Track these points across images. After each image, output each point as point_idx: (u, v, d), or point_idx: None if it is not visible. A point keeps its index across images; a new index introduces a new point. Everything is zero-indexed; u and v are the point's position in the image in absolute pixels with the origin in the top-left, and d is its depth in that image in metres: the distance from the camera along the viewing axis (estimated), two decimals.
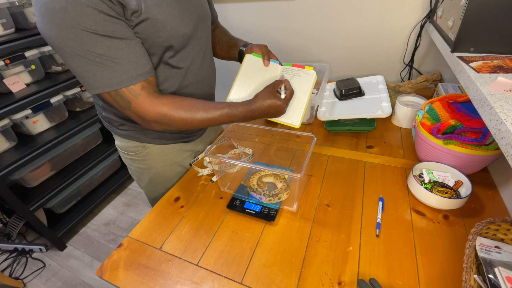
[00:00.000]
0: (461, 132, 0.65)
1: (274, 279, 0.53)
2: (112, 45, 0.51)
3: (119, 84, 0.54)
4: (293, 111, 0.69)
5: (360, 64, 1.26)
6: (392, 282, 0.50)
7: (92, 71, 0.52)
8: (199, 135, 0.87)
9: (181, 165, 0.85)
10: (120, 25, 0.51)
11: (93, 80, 0.53)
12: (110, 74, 0.53)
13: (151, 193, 0.89)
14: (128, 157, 0.82)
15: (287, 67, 0.74)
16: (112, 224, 1.72)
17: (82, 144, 1.66)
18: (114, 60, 0.52)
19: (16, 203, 1.30)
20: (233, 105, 0.65)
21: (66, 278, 1.44)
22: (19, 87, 1.36)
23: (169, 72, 0.66)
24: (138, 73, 0.56)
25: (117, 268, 0.58)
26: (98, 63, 0.51)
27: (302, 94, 0.69)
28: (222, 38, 0.87)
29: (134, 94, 0.56)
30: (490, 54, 0.61)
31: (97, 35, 0.49)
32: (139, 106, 0.58)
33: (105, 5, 0.48)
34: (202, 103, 0.64)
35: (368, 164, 0.78)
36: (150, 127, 0.63)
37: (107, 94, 0.56)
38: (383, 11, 1.10)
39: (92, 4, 0.46)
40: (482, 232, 0.51)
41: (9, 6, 1.25)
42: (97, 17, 0.47)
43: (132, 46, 0.54)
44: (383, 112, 0.85)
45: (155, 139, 0.77)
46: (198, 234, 0.64)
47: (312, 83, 0.70)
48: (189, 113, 0.61)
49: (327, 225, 0.62)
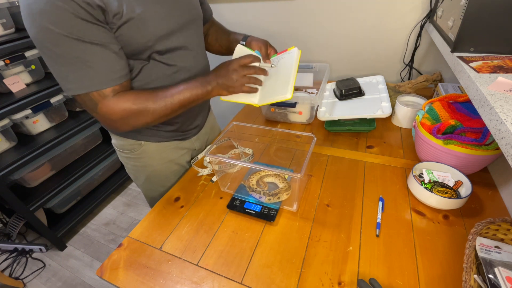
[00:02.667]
0: (461, 132, 0.65)
1: (274, 279, 0.53)
2: (87, 50, 0.52)
3: (89, 87, 0.55)
4: (281, 86, 0.67)
5: (360, 64, 1.26)
6: (392, 282, 0.50)
7: (65, 73, 0.53)
8: (194, 132, 0.87)
9: (177, 163, 0.85)
10: (97, 31, 0.52)
11: (65, 81, 0.55)
12: (81, 77, 0.54)
13: (148, 191, 0.89)
14: (124, 155, 0.82)
15: (273, 58, 0.74)
16: (112, 224, 1.72)
17: (82, 144, 1.66)
18: (87, 63, 0.53)
19: (16, 203, 1.30)
20: (191, 80, 0.64)
21: (66, 278, 1.44)
22: (19, 87, 1.36)
23: (160, 70, 0.66)
24: (110, 78, 0.56)
25: (117, 268, 0.58)
26: (72, 65, 0.52)
27: (287, 70, 0.68)
28: (220, 35, 0.86)
29: (102, 96, 0.57)
30: (490, 54, 0.61)
31: (73, 39, 0.50)
32: (105, 106, 0.58)
33: (83, 11, 0.48)
34: (163, 89, 0.63)
35: (368, 164, 0.78)
36: (117, 129, 0.63)
37: (77, 96, 0.56)
38: (383, 11, 1.10)
39: (70, 9, 0.47)
40: (482, 232, 0.51)
41: (9, 6, 1.25)
42: (74, 22, 0.48)
43: (107, 52, 0.54)
44: (383, 112, 0.85)
45: (150, 136, 0.77)
46: (198, 234, 0.64)
47: (295, 58, 0.69)
48: (149, 102, 0.61)
49: (327, 225, 0.62)
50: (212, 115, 0.99)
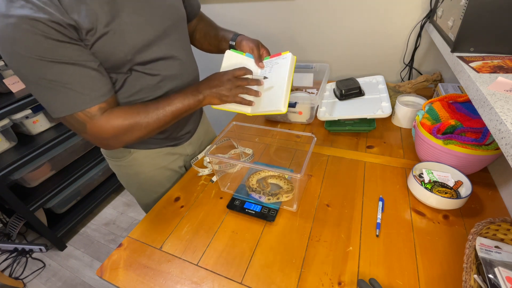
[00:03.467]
0: (461, 132, 0.65)
1: (274, 279, 0.53)
2: (63, 71, 0.49)
3: (73, 108, 0.53)
4: (275, 97, 0.65)
5: (360, 64, 1.26)
6: (392, 282, 0.50)
7: (47, 97, 0.52)
8: (186, 138, 0.84)
9: (170, 168, 0.83)
10: (71, 50, 0.49)
11: (48, 105, 0.53)
12: (63, 100, 0.52)
13: (141, 198, 0.87)
14: (114, 163, 0.79)
15: (266, 60, 0.71)
16: (112, 224, 1.72)
17: (82, 144, 1.66)
18: (66, 85, 0.50)
19: (16, 203, 1.30)
20: (181, 90, 0.63)
21: (66, 278, 1.44)
22: (19, 87, 1.36)
23: (143, 81, 0.63)
24: (93, 96, 0.54)
25: (117, 268, 0.58)
26: (50, 88, 0.50)
27: (281, 79, 0.66)
28: (209, 31, 0.82)
29: (89, 116, 0.55)
30: (490, 54, 0.61)
31: (47, 62, 0.47)
32: (94, 126, 0.55)
33: (53, 31, 0.46)
34: (153, 101, 0.62)
35: (368, 164, 0.78)
36: (110, 146, 0.60)
37: (62, 119, 0.54)
38: (383, 11, 1.10)
39: (40, 32, 0.45)
40: (482, 232, 0.51)
41: None
42: (45, 44, 0.46)
43: (85, 70, 0.52)
44: (383, 112, 0.85)
45: (140, 144, 0.75)
46: (198, 234, 0.64)
47: (289, 65, 0.66)
48: (141, 116, 0.59)
49: (327, 225, 0.62)
50: (205, 119, 0.96)
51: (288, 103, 0.64)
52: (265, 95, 0.67)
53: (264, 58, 0.72)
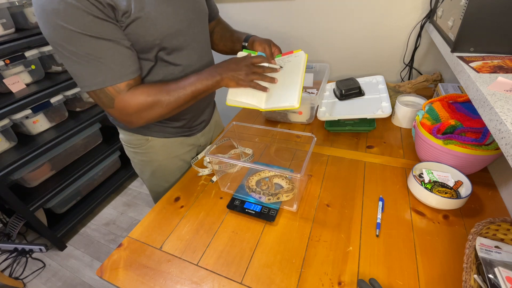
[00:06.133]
0: (461, 132, 0.65)
1: (274, 279, 0.53)
2: (99, 46, 0.53)
3: (103, 83, 0.56)
4: (289, 93, 0.67)
5: (360, 64, 1.26)
6: (392, 282, 0.50)
7: (80, 70, 0.55)
8: (200, 128, 0.88)
9: (182, 159, 0.87)
10: (108, 27, 0.53)
11: (80, 78, 0.56)
12: (96, 73, 0.55)
13: (153, 186, 0.91)
14: (131, 150, 0.84)
15: (278, 58, 0.74)
16: (112, 224, 1.72)
17: (82, 144, 1.66)
18: (99, 59, 0.54)
19: (16, 203, 1.30)
20: (199, 72, 0.66)
21: (66, 278, 1.44)
22: (19, 87, 1.36)
23: (166, 70, 0.67)
24: (123, 73, 0.58)
25: (117, 268, 0.58)
26: (85, 61, 0.53)
27: (294, 75, 0.69)
28: (224, 34, 0.87)
29: (118, 91, 0.58)
30: (490, 54, 0.61)
31: (86, 36, 0.51)
32: (121, 101, 0.59)
33: (94, 8, 0.50)
34: (174, 81, 0.65)
35: (368, 164, 0.78)
36: (132, 123, 0.64)
37: (92, 93, 0.57)
38: (383, 11, 1.10)
39: (82, 7, 0.49)
40: (482, 232, 0.51)
41: (9, 6, 1.25)
42: (86, 19, 0.50)
43: (119, 47, 0.56)
44: (383, 112, 0.85)
45: (158, 132, 0.79)
46: (198, 234, 0.64)
47: (303, 62, 0.69)
48: (163, 94, 0.62)
49: (327, 225, 0.62)
50: (217, 111, 1.01)
51: (301, 99, 0.66)
52: (278, 92, 0.69)
53: (275, 56, 0.74)
